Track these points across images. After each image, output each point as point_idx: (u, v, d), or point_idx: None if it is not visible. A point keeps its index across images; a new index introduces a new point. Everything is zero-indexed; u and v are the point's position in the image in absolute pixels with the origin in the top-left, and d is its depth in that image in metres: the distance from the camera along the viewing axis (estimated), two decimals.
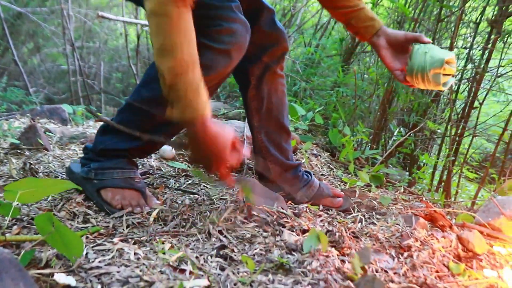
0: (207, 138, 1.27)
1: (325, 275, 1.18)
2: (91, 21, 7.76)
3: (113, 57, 8.74)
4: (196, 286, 1.06)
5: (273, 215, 1.55)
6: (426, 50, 1.52)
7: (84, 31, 7.86)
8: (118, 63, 8.66)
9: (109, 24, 8.61)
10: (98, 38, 8.55)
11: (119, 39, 9.03)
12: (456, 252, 1.53)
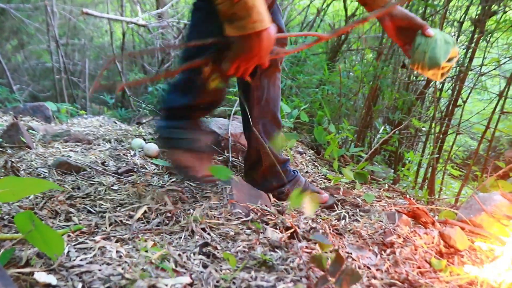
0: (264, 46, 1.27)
1: (307, 272, 1.18)
2: (76, 18, 7.67)
3: (99, 55, 8.66)
4: (178, 283, 1.06)
5: (257, 212, 1.55)
6: (425, 49, 1.53)
7: (69, 28, 7.78)
8: (104, 61, 8.58)
9: (95, 21, 8.53)
10: (84, 35, 8.46)
11: (104, 36, 8.95)
12: (438, 248, 1.54)
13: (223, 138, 2.35)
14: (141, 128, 3.14)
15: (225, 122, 2.47)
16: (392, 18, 1.62)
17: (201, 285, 1.09)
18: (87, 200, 1.60)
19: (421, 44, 1.56)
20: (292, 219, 1.57)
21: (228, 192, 1.63)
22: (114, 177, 1.89)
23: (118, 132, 2.93)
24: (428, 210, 1.88)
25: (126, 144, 2.58)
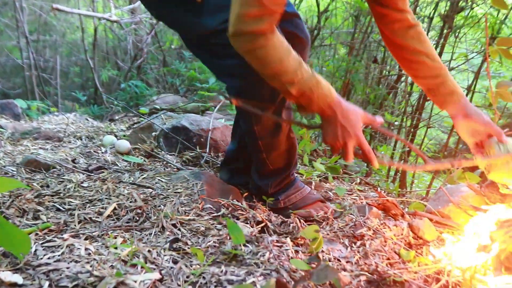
0: (344, 113, 1.35)
1: (277, 266, 1.19)
2: (47, 14, 7.53)
3: (72, 51, 8.53)
4: (148, 279, 1.06)
5: (228, 207, 1.55)
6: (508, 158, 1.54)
7: (39, 24, 7.64)
8: (76, 57, 8.45)
9: (66, 17, 8.39)
10: (56, 31, 8.32)
11: (77, 32, 8.81)
12: (407, 239, 1.57)
13: (195, 134, 2.34)
14: (113, 125, 3.11)
15: (196, 118, 2.47)
16: (467, 117, 1.60)
17: (171, 281, 1.09)
18: (56, 198, 1.57)
19: (501, 152, 1.56)
20: (263, 214, 1.58)
21: (199, 187, 1.63)
22: (85, 175, 1.87)
23: (89, 129, 2.90)
24: (398, 203, 1.91)
25: (98, 141, 2.56)
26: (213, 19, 1.45)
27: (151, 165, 2.12)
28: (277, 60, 1.25)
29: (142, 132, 2.46)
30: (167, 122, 2.53)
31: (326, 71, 3.73)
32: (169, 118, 2.63)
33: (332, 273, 1.10)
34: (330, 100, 1.34)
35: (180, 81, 5.14)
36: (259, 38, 1.23)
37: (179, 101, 3.67)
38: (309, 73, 1.31)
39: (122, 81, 5.01)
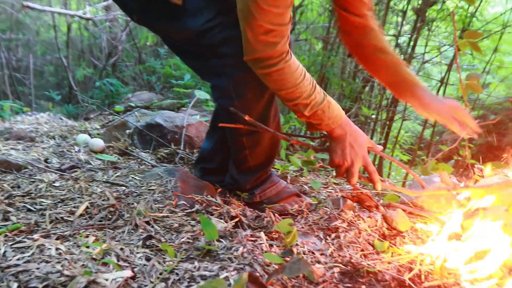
0: (353, 134, 1.43)
1: (250, 260, 1.19)
2: (18, 12, 7.39)
3: (47, 50, 8.39)
4: (119, 277, 1.05)
5: (202, 203, 1.55)
6: None
7: (11, 22, 7.49)
8: (51, 56, 8.31)
9: (40, 15, 8.25)
10: (29, 29, 8.17)
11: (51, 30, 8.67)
12: (381, 231, 1.59)
13: (169, 131, 2.33)
14: (87, 123, 3.07)
15: (171, 115, 2.45)
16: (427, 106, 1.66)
17: (144, 278, 1.08)
18: (27, 198, 1.55)
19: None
20: (238, 209, 1.58)
21: (173, 184, 1.62)
22: (57, 174, 1.84)
23: (63, 128, 2.86)
24: (373, 195, 1.93)
25: (71, 140, 2.52)
26: (195, 20, 1.45)
27: (125, 163, 2.10)
28: (292, 84, 1.29)
29: (116, 130, 2.44)
30: (141, 119, 2.51)
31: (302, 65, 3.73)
32: (143, 115, 2.61)
33: (304, 266, 1.10)
34: (340, 120, 1.40)
35: (156, 78, 5.10)
36: (275, 62, 1.26)
37: (155, 99, 3.65)
38: (322, 95, 1.36)
39: (97, 80, 4.95)
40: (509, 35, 4.35)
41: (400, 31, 3.78)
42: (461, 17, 3.22)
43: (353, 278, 1.23)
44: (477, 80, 1.99)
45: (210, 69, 1.57)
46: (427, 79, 4.42)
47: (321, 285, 1.16)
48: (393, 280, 1.24)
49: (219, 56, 1.48)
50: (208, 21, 1.39)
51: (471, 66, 4.81)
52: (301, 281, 1.16)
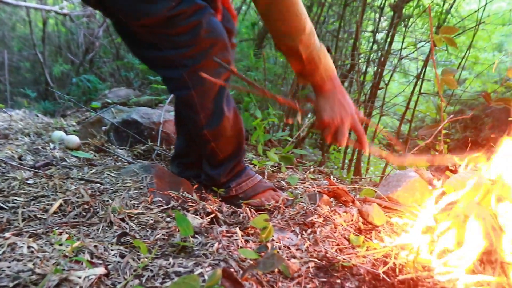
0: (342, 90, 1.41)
1: (225, 256, 1.19)
2: None
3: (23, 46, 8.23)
4: (92, 275, 1.04)
5: (178, 200, 1.54)
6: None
7: None
8: (28, 52, 8.17)
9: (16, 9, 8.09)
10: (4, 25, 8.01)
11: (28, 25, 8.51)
12: (357, 225, 1.60)
13: (146, 127, 2.31)
14: (63, 120, 3.03)
15: (147, 111, 2.43)
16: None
17: (118, 275, 1.07)
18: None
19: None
20: (214, 205, 1.58)
21: (149, 181, 1.61)
22: (31, 172, 1.81)
23: (38, 125, 2.82)
24: (351, 190, 1.94)
25: (46, 137, 2.49)
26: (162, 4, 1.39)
27: (101, 160, 2.08)
28: (295, 13, 1.27)
29: (92, 127, 2.41)
30: (117, 116, 2.49)
31: (280, 61, 3.74)
32: (120, 112, 2.58)
33: (279, 261, 1.10)
34: (332, 72, 1.37)
35: (134, 74, 5.05)
36: None
37: (132, 95, 3.61)
38: (319, 42, 1.34)
39: (74, 76, 4.88)
40: (484, 32, 4.43)
41: (378, 28, 3.81)
42: (437, 13, 3.26)
43: (328, 272, 1.24)
44: (453, 75, 2.01)
45: (163, 61, 1.52)
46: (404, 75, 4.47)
47: (296, 280, 1.17)
48: (367, 274, 1.25)
49: (176, 47, 1.44)
50: (174, 7, 1.36)
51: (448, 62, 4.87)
52: (276, 276, 1.16)
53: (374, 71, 3.64)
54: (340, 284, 1.19)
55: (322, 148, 3.66)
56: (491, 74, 5.34)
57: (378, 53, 3.69)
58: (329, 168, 3.12)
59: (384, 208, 1.76)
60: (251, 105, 2.88)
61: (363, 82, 3.71)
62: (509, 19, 4.12)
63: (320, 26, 3.78)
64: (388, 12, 3.84)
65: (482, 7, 2.95)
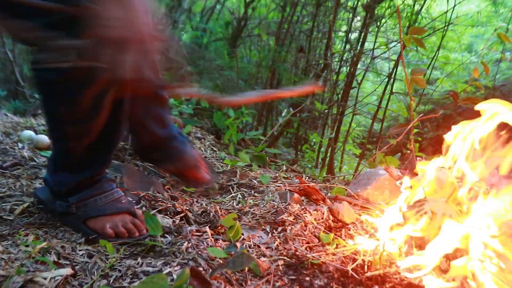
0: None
1: (195, 255, 1.19)
2: None
3: None
4: (58, 276, 1.03)
5: (148, 199, 1.53)
6: None
7: None
8: None
9: None
10: None
11: None
12: (327, 223, 1.61)
13: None
14: (33, 119, 2.97)
15: None
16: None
17: (85, 276, 1.06)
18: None
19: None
20: (184, 205, 1.57)
21: (119, 180, 1.60)
22: None
23: (7, 124, 2.76)
24: (322, 188, 1.96)
25: (15, 136, 2.44)
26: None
27: None
28: None
29: None
30: None
31: (254, 60, 3.75)
32: None
33: (248, 259, 1.11)
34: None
35: None
36: None
37: None
38: None
39: None
40: (454, 33, 4.51)
41: (351, 28, 3.85)
42: (408, 14, 3.31)
43: (298, 270, 1.25)
44: (422, 75, 2.05)
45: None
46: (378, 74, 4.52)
47: (265, 278, 1.18)
48: (336, 271, 1.27)
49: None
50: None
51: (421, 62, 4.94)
52: (246, 275, 1.16)
53: (347, 71, 3.67)
54: (309, 282, 1.20)
55: (296, 147, 3.68)
56: (462, 74, 5.45)
57: (351, 53, 3.73)
58: (302, 167, 3.14)
59: (354, 206, 1.78)
60: None
61: (336, 82, 3.74)
62: (477, 20, 4.22)
63: (294, 26, 3.80)
64: (361, 12, 3.88)
65: (451, 9, 3.01)
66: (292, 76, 3.51)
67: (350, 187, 1.92)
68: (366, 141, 3.14)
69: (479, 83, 2.26)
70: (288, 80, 3.54)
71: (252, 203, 1.73)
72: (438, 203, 1.50)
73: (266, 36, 4.03)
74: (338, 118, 3.39)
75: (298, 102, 3.47)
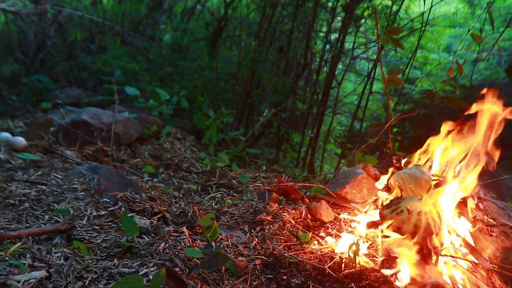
0: None
1: (171, 256, 1.19)
2: None
3: None
4: (32, 279, 1.02)
5: (126, 200, 1.53)
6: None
7: None
8: None
9: None
10: None
11: None
12: (306, 222, 1.62)
13: (96, 128, 2.27)
14: (10, 121, 2.93)
15: (97, 111, 2.39)
16: None
17: (60, 278, 1.06)
18: None
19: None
20: (161, 206, 1.57)
21: (96, 182, 1.59)
22: None
23: None
24: (302, 187, 1.97)
25: None
26: None
27: (48, 161, 2.03)
28: None
29: (40, 128, 2.35)
30: (67, 116, 2.43)
31: (235, 61, 3.75)
32: (69, 112, 2.53)
33: (224, 259, 1.11)
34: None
35: (88, 74, 4.94)
36: None
37: (84, 95, 3.55)
38: None
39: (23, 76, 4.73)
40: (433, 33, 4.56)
41: (330, 28, 3.86)
42: (386, 14, 3.33)
43: (275, 269, 1.26)
44: (399, 74, 2.07)
45: None
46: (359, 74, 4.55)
47: (242, 277, 1.18)
48: (313, 270, 1.28)
49: None
50: None
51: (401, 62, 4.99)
52: (223, 274, 1.17)
53: (327, 71, 3.69)
54: (286, 280, 1.21)
55: (278, 147, 3.69)
56: (440, 73, 5.51)
57: (331, 53, 3.75)
58: (283, 167, 3.15)
59: (332, 205, 1.80)
60: (204, 104, 2.87)
61: (316, 81, 3.75)
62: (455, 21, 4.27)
63: (274, 26, 3.80)
64: (341, 13, 3.90)
65: (428, 10, 3.04)
66: (272, 77, 3.51)
67: (328, 186, 1.93)
68: (346, 141, 3.16)
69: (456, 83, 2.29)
70: (268, 80, 3.54)
71: (230, 203, 1.73)
72: (414, 201, 1.52)
73: (246, 36, 4.04)
74: (319, 118, 3.40)
75: (279, 102, 3.47)
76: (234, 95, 3.70)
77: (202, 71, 3.51)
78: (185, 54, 3.91)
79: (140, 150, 2.42)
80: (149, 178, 2.03)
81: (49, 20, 5.49)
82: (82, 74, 5.24)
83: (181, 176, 2.15)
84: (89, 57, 4.93)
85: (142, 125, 2.57)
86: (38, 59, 5.31)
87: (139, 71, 3.64)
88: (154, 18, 4.89)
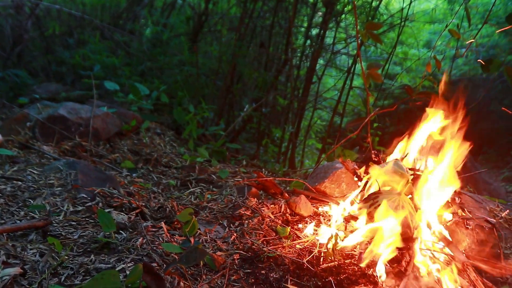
0: None
1: (149, 251, 1.18)
2: None
3: None
4: (6, 276, 1.00)
5: (103, 195, 1.51)
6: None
7: None
8: None
9: None
10: None
11: None
12: (285, 216, 1.63)
13: (73, 123, 2.24)
14: None
15: (75, 106, 2.36)
16: None
17: (35, 274, 1.04)
18: None
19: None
20: (140, 201, 1.56)
21: (73, 177, 1.57)
22: None
23: None
24: (281, 182, 1.97)
25: None
26: None
27: (24, 157, 2.00)
28: None
29: (17, 123, 2.31)
30: (44, 111, 2.40)
31: (215, 56, 3.73)
32: (46, 107, 2.49)
33: (201, 254, 1.11)
34: None
35: (66, 69, 4.87)
36: None
37: (62, 90, 3.50)
38: None
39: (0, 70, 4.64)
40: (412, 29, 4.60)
41: (311, 23, 3.87)
42: (366, 10, 3.35)
43: (254, 263, 1.26)
44: (378, 70, 2.08)
45: None
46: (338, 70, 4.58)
47: (221, 272, 1.18)
48: (292, 264, 1.28)
49: None
50: None
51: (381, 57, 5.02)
52: (201, 269, 1.17)
53: (308, 66, 3.70)
54: (264, 275, 1.21)
55: (258, 142, 3.69)
56: (420, 69, 5.56)
57: (311, 48, 3.76)
58: (264, 162, 3.16)
59: (311, 199, 1.80)
60: (184, 99, 2.86)
61: (297, 77, 3.76)
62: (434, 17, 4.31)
63: (255, 21, 3.80)
64: (321, 8, 3.91)
65: (407, 5, 3.06)
66: (253, 72, 3.51)
67: (308, 180, 1.94)
68: (325, 135, 3.18)
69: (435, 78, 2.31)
70: (249, 75, 3.53)
71: (210, 198, 1.73)
72: (392, 195, 1.53)
73: (227, 31, 4.02)
74: (299, 113, 3.41)
75: (260, 97, 3.48)
76: (214, 90, 3.69)
77: (182, 66, 3.49)
78: (165, 49, 3.87)
79: (119, 145, 2.40)
80: (128, 173, 2.02)
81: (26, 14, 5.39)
82: (61, 68, 5.16)
83: (160, 171, 2.14)
84: (67, 52, 4.85)
85: (121, 120, 2.55)
86: (15, 53, 5.21)
87: (119, 65, 3.60)
88: (134, 12, 4.84)
